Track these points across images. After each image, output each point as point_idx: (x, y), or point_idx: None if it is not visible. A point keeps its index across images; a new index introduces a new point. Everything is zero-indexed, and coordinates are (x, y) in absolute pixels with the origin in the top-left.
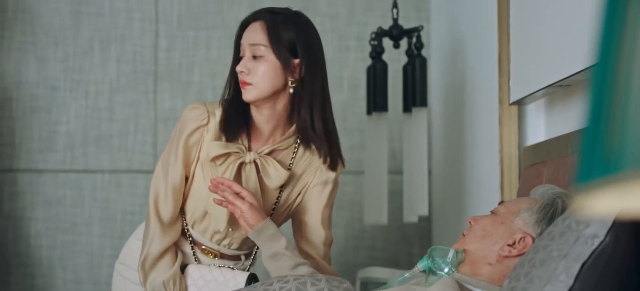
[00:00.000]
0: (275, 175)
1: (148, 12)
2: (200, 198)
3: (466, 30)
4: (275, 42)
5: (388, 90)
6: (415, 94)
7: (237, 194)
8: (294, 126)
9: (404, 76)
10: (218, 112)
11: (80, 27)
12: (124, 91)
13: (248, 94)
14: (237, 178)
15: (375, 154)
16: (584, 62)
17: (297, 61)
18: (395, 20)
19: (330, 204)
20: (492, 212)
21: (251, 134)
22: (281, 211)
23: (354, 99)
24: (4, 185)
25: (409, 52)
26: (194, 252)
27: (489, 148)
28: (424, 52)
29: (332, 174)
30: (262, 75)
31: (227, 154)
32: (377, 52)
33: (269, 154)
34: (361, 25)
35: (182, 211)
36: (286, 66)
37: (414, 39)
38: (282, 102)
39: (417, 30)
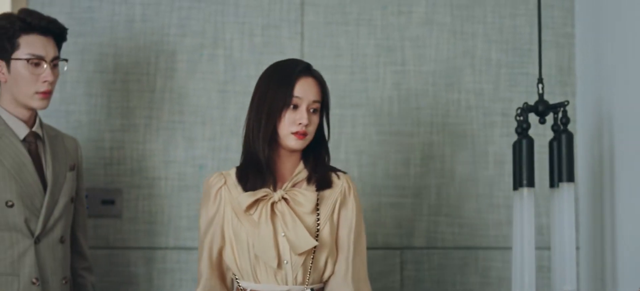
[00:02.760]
0: (305, 200)
1: None
2: (244, 248)
3: (613, 104)
4: (326, 100)
5: (534, 165)
6: (562, 169)
7: None
8: (301, 162)
9: (550, 151)
10: (232, 173)
11: (227, 106)
12: None
13: (303, 144)
14: (273, 217)
15: (522, 229)
16: None
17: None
18: (541, 96)
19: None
20: None
21: (275, 177)
22: (327, 233)
23: (500, 174)
24: (153, 263)
25: (555, 128)
26: None
27: (637, 222)
28: (570, 126)
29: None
30: (313, 128)
31: (257, 201)
32: (523, 128)
33: (293, 187)
34: (506, 101)
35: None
36: (322, 123)
37: (560, 114)
38: None
39: (562, 105)
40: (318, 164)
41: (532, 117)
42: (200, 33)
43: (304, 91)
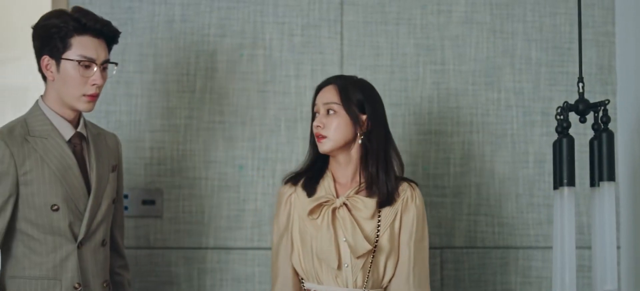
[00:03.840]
0: (364, 207)
1: None
2: (307, 250)
3: None
4: (346, 100)
5: (575, 164)
6: (603, 168)
7: None
8: (362, 171)
9: (590, 150)
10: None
11: (267, 107)
12: None
13: (324, 146)
14: (335, 221)
15: (562, 229)
16: None
17: (364, 116)
18: (581, 95)
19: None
20: None
21: (336, 184)
22: (386, 239)
23: (541, 173)
24: (193, 263)
25: (595, 126)
26: None
27: None
28: (610, 125)
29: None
30: (335, 128)
31: (320, 205)
32: (563, 127)
33: (356, 194)
34: (546, 100)
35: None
36: (355, 121)
37: (601, 113)
38: (355, 151)
39: (603, 104)
40: (376, 174)
41: (573, 116)
42: (239, 33)
43: (319, 98)
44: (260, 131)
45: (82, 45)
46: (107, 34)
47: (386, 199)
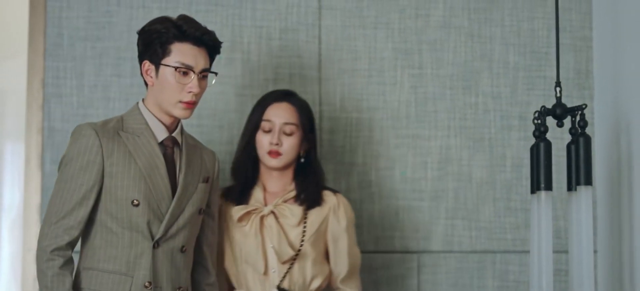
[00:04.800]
0: (291, 215)
1: (311, 94)
2: (236, 256)
3: (631, 107)
4: (304, 122)
5: (552, 169)
6: (580, 173)
7: None
8: (293, 181)
9: (567, 154)
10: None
11: (245, 110)
12: None
13: (278, 163)
14: (262, 229)
15: (540, 233)
16: None
17: (311, 136)
18: (559, 99)
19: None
20: None
21: (265, 193)
22: (311, 245)
23: (518, 178)
24: None
25: (572, 131)
26: None
27: None
28: (588, 130)
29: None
30: (291, 148)
31: (249, 213)
32: (540, 131)
33: (284, 202)
34: (524, 105)
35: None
36: (306, 142)
37: (578, 118)
38: (291, 166)
39: (580, 108)
40: (308, 183)
41: (550, 121)
42: (217, 37)
43: (276, 116)
44: (238, 134)
45: (181, 52)
46: (208, 43)
47: (313, 202)
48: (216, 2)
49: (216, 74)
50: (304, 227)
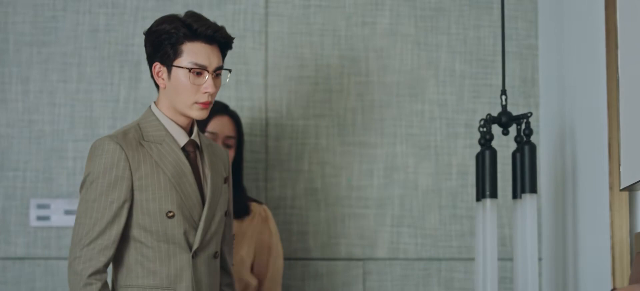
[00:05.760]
0: None
1: (258, 101)
2: None
3: (575, 115)
4: (239, 136)
5: (497, 176)
6: (525, 180)
7: None
8: None
9: (513, 162)
10: None
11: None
12: None
13: None
14: None
15: (485, 240)
16: None
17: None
18: (504, 107)
19: None
20: None
21: None
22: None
23: (463, 185)
24: None
25: (518, 139)
26: None
27: (599, 233)
28: (533, 138)
29: None
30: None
31: None
32: (486, 139)
33: None
34: (470, 113)
35: None
36: (237, 153)
37: (523, 126)
38: None
39: (526, 116)
40: (235, 194)
41: (496, 129)
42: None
43: (219, 127)
44: None
45: (193, 53)
46: (220, 40)
47: (242, 212)
48: (163, 9)
49: (230, 70)
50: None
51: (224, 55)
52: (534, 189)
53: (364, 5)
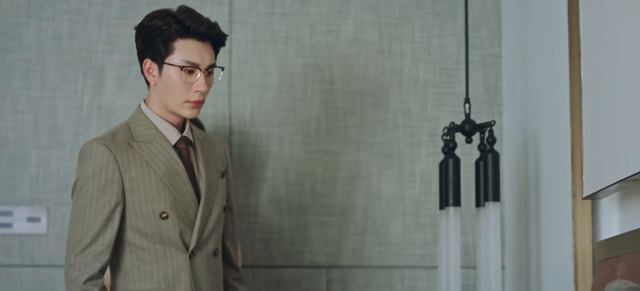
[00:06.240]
0: None
1: (221, 108)
2: None
3: (539, 124)
4: None
5: (461, 185)
6: (488, 189)
7: None
8: None
9: (476, 170)
10: None
11: None
12: None
13: None
14: None
15: (448, 248)
16: None
17: None
18: (468, 115)
19: None
20: None
21: None
22: None
23: (427, 193)
24: None
25: (481, 147)
26: None
27: (562, 242)
28: (496, 146)
29: None
30: None
31: None
32: (449, 147)
33: None
34: (433, 121)
35: None
36: None
37: (487, 134)
38: None
39: (489, 125)
40: None
41: (459, 137)
42: (128, 50)
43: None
44: None
45: (185, 50)
46: (213, 37)
47: None
48: (127, 16)
49: (223, 68)
50: None
51: (216, 52)
52: (497, 198)
53: (328, 14)
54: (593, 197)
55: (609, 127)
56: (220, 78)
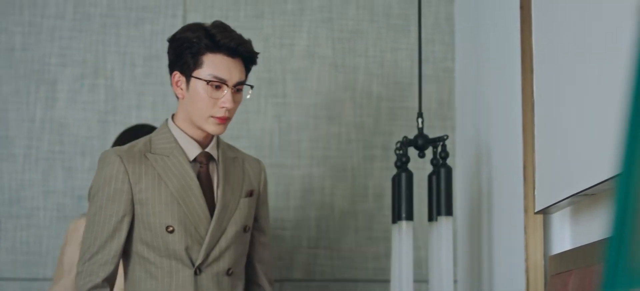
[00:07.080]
0: None
1: None
2: None
3: (491, 139)
4: None
5: (413, 199)
6: (441, 203)
7: None
8: None
9: (429, 185)
10: None
11: (107, 137)
12: None
13: None
14: None
15: (400, 262)
16: (609, 172)
17: None
18: (421, 130)
19: None
20: None
21: None
22: None
23: (379, 207)
24: None
25: (434, 162)
26: None
27: (514, 256)
28: (449, 161)
29: None
30: None
31: None
32: (402, 162)
33: None
34: (386, 135)
35: None
36: None
37: (439, 149)
38: None
39: (442, 139)
40: None
41: (412, 151)
42: (81, 62)
43: None
44: None
45: (213, 65)
46: (243, 54)
47: None
48: (80, 28)
49: (252, 87)
50: None
51: (248, 70)
52: (449, 212)
53: (281, 27)
54: (545, 212)
55: (561, 143)
56: (249, 96)
